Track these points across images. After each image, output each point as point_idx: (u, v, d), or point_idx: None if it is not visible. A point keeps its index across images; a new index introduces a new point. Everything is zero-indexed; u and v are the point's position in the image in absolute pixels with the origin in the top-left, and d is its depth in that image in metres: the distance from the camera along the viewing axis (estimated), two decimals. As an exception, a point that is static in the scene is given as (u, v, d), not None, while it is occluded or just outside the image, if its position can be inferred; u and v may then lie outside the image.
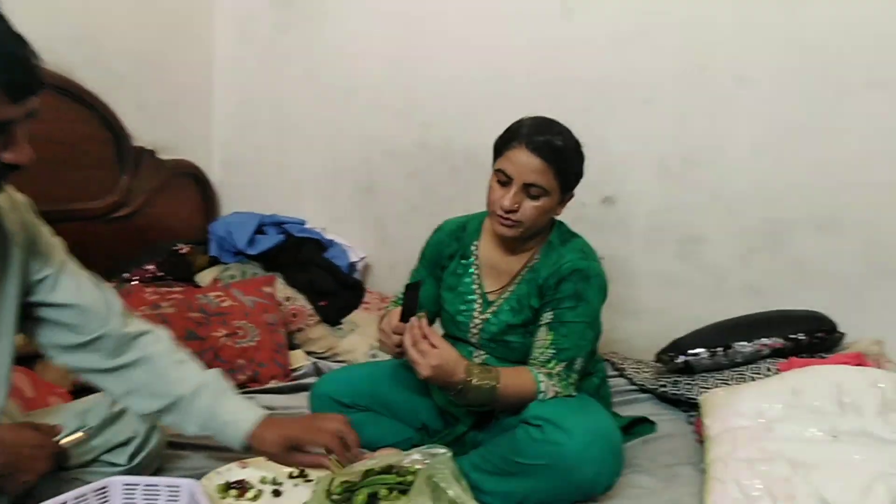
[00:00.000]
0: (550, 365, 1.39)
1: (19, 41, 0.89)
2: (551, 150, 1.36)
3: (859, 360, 1.61)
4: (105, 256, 2.33)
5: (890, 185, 1.85)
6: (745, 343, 1.77)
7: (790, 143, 1.94)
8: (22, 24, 0.96)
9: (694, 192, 2.08)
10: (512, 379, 1.36)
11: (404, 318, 1.33)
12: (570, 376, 1.40)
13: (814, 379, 1.49)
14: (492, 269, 1.54)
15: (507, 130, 1.43)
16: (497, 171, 1.42)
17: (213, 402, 1.18)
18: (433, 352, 1.28)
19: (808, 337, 1.76)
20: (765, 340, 1.76)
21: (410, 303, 1.32)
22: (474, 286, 1.54)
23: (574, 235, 1.53)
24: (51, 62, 0.98)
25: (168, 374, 1.20)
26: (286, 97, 2.68)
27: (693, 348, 1.81)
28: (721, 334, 1.82)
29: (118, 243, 2.37)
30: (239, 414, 1.18)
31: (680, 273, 2.13)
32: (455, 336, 1.59)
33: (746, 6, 1.92)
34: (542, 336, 1.42)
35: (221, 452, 1.44)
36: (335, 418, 1.21)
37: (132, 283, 2.21)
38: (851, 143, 1.87)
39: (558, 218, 1.52)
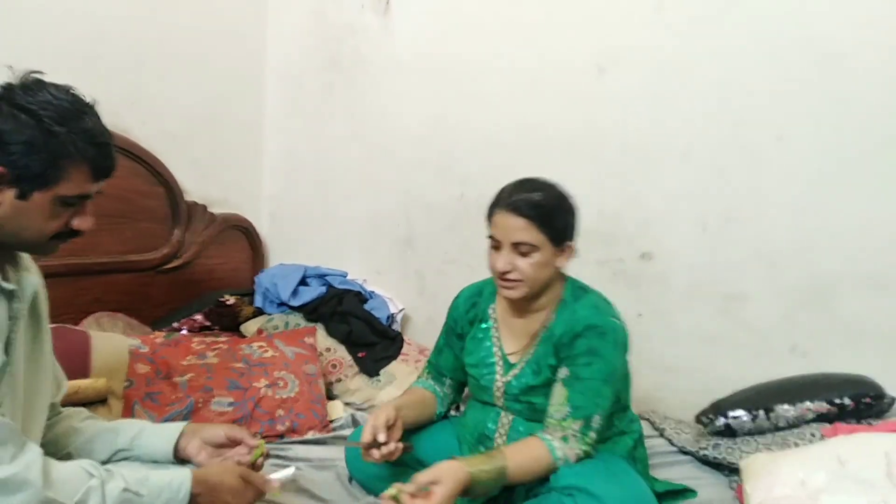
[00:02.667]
0: (566, 423, 1.38)
1: (109, 134, 1.09)
2: (530, 206, 1.39)
3: (910, 429, 1.54)
4: (156, 306, 2.44)
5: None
6: (789, 406, 1.71)
7: (833, 199, 1.90)
8: (84, 88, 1.08)
9: (735, 249, 2.05)
10: (521, 456, 1.34)
11: None
12: (587, 434, 1.38)
13: (861, 447, 1.42)
14: (510, 331, 1.56)
15: (493, 198, 1.48)
16: (489, 238, 1.46)
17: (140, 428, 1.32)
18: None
19: (854, 402, 1.69)
20: (808, 404, 1.70)
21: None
22: (494, 349, 1.56)
23: (587, 291, 1.52)
24: (109, 123, 1.11)
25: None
26: (331, 154, 2.78)
27: (733, 410, 1.76)
28: (763, 396, 1.76)
29: (170, 293, 2.48)
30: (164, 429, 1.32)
31: (721, 331, 2.08)
32: (482, 400, 1.59)
33: (781, 65, 1.91)
34: (558, 392, 1.42)
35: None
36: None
37: (181, 332, 2.29)
38: (897, 199, 1.83)
39: (572, 275, 1.53)
